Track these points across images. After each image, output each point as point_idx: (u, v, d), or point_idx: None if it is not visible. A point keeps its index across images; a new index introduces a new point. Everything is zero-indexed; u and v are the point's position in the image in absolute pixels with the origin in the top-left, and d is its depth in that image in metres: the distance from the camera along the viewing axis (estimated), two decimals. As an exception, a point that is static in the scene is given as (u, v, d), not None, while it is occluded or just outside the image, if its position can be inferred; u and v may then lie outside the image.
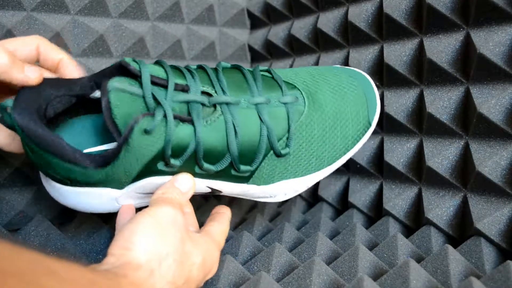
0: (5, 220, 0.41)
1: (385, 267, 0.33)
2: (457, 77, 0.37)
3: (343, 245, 0.38)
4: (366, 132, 0.35)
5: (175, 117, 0.28)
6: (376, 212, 0.45)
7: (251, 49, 0.61)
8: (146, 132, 0.27)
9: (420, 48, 0.40)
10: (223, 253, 0.35)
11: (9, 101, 0.28)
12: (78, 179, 0.28)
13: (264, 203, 0.51)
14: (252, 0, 0.59)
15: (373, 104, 0.35)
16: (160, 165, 0.29)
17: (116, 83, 0.27)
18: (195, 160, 0.30)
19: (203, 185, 0.32)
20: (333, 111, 0.34)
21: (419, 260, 0.34)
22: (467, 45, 0.36)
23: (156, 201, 0.29)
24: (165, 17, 0.53)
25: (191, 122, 0.29)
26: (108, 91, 0.27)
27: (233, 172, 0.32)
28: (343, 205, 0.48)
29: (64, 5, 0.45)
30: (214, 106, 0.30)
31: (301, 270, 0.31)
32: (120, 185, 0.30)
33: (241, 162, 0.31)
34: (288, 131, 0.32)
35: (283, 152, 0.32)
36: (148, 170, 0.29)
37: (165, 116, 0.28)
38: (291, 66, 0.55)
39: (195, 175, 0.31)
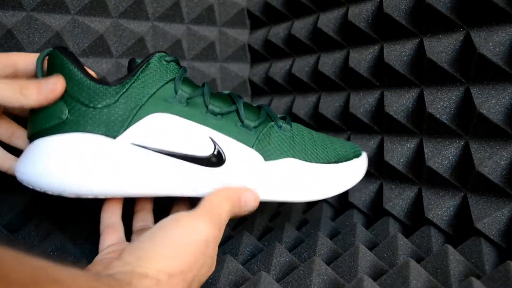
0: (5, 220, 0.41)
1: (385, 267, 0.33)
2: (457, 77, 0.37)
3: (343, 245, 0.38)
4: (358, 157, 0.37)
5: None
6: (376, 212, 0.45)
7: (251, 49, 0.61)
8: (166, 60, 0.32)
9: (420, 48, 0.40)
10: (223, 253, 0.36)
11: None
12: (85, 101, 0.29)
13: (265, 203, 0.51)
14: (252, 0, 0.59)
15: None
16: (170, 97, 0.31)
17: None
18: (203, 100, 0.32)
19: (206, 136, 0.31)
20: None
21: (419, 260, 0.34)
22: (467, 45, 0.36)
23: (208, 207, 0.28)
24: (165, 17, 0.53)
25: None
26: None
27: (238, 124, 0.32)
28: (343, 205, 0.48)
29: (64, 5, 0.45)
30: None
31: (301, 270, 0.31)
32: (117, 127, 0.30)
33: (246, 117, 0.33)
34: (286, 120, 0.36)
35: (283, 125, 0.34)
36: (157, 100, 0.30)
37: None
38: (291, 66, 0.55)
39: (200, 119, 0.31)
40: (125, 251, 0.25)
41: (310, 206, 0.50)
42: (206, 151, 0.31)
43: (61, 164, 0.29)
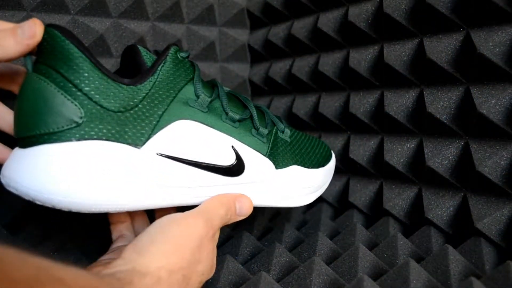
0: (5, 220, 0.41)
1: (385, 267, 0.33)
2: (457, 77, 0.37)
3: (343, 245, 0.38)
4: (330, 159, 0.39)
5: None
6: (376, 212, 0.45)
7: (251, 49, 0.61)
8: (181, 56, 0.30)
9: (420, 48, 0.40)
10: (223, 253, 0.36)
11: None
12: (104, 103, 0.25)
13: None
14: (252, 0, 0.59)
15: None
16: (191, 100, 0.29)
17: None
18: (221, 105, 0.31)
19: (228, 145, 0.31)
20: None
21: (419, 260, 0.34)
22: (467, 45, 0.36)
23: (206, 209, 0.28)
24: (165, 17, 0.53)
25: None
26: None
27: (253, 132, 0.33)
28: (343, 205, 0.48)
29: (64, 5, 0.45)
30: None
31: (301, 270, 0.31)
32: (140, 134, 0.27)
33: (260, 124, 0.33)
34: (282, 122, 0.37)
35: (284, 130, 0.36)
36: (179, 104, 0.29)
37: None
38: (291, 66, 0.55)
39: (220, 127, 0.31)
40: (125, 250, 0.25)
41: (310, 206, 0.50)
42: (228, 160, 0.31)
43: (85, 179, 0.25)
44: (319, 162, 0.37)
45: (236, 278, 0.33)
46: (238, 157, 0.31)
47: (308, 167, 0.36)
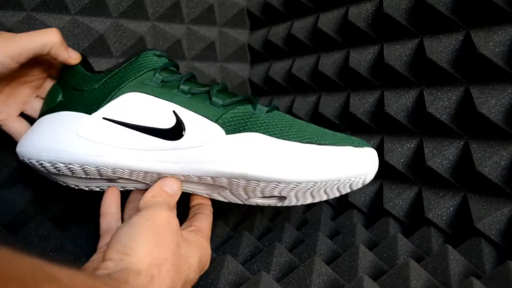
0: (5, 220, 0.41)
1: (385, 267, 0.33)
2: (457, 77, 0.37)
3: (343, 245, 0.38)
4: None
5: None
6: (376, 212, 0.45)
7: (251, 49, 0.61)
8: (155, 55, 0.35)
9: (420, 48, 0.40)
10: (223, 253, 0.36)
11: None
12: (76, 85, 0.34)
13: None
14: (252, 0, 0.59)
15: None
16: (148, 80, 0.34)
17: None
18: (178, 83, 0.34)
19: (169, 111, 0.33)
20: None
21: (419, 260, 0.34)
22: (467, 45, 0.36)
23: (149, 203, 0.30)
24: (165, 17, 0.53)
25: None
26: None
27: (206, 102, 0.33)
28: (343, 205, 0.48)
29: (64, 5, 0.45)
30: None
31: (301, 270, 0.31)
32: (94, 105, 0.33)
33: (216, 95, 0.34)
34: (276, 106, 0.36)
35: (258, 106, 0.34)
36: (135, 82, 0.34)
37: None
38: (291, 66, 0.55)
39: (169, 97, 0.33)
40: (108, 252, 0.25)
41: (310, 206, 0.50)
42: (167, 124, 0.32)
43: (45, 136, 0.33)
44: (307, 139, 0.32)
45: (236, 278, 0.33)
46: (178, 120, 0.32)
47: (277, 137, 0.32)
